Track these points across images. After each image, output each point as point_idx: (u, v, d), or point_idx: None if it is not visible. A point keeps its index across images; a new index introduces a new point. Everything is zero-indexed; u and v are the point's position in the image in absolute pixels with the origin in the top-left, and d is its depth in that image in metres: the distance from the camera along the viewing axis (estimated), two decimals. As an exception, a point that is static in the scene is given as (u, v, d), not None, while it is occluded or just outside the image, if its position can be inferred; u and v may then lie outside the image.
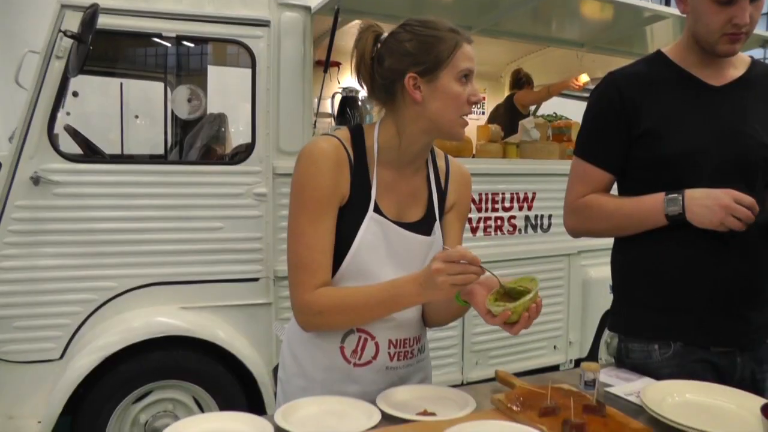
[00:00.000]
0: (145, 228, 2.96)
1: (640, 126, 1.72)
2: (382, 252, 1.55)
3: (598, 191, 1.81)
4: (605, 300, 4.07)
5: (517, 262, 3.86)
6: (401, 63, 1.49)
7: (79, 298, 2.88)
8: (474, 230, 3.71)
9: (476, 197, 3.70)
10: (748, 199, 1.57)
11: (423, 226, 1.62)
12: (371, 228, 1.53)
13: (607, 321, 1.95)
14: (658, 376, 1.69)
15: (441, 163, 1.70)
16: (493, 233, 3.78)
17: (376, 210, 1.54)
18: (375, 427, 1.34)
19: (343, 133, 1.58)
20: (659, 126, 1.71)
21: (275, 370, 1.74)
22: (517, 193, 3.87)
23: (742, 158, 1.69)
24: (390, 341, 1.60)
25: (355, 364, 1.59)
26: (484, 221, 3.75)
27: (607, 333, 4.30)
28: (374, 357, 1.59)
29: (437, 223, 1.65)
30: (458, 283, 1.33)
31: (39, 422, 2.75)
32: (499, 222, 3.81)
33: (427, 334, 1.76)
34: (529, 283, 1.40)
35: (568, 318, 4.13)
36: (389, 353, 1.61)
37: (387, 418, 1.39)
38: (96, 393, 2.83)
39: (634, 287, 1.82)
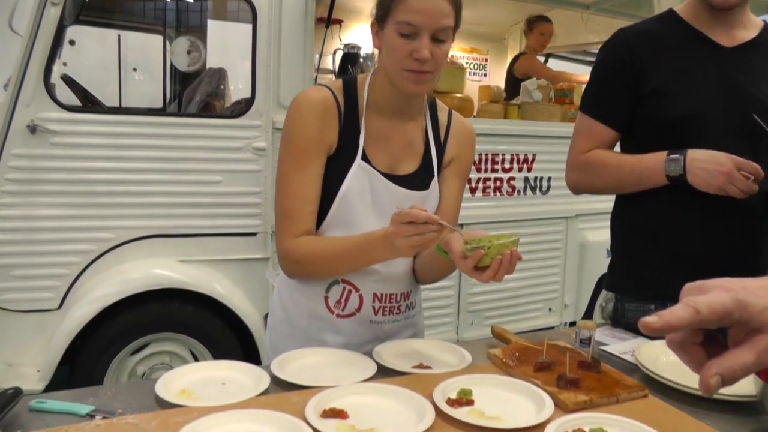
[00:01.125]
0: (144, 180, 2.95)
1: (647, 84, 1.70)
2: (368, 201, 1.54)
3: (602, 148, 1.80)
4: (602, 263, 4.08)
5: (515, 224, 3.86)
6: (374, 9, 1.51)
7: (77, 249, 2.88)
8: (473, 191, 3.70)
9: (476, 158, 3.67)
10: (753, 166, 1.56)
11: (417, 180, 1.59)
12: (358, 176, 1.52)
13: (605, 281, 1.95)
14: (655, 336, 1.70)
15: (443, 117, 1.68)
16: (492, 194, 3.78)
17: (365, 159, 1.53)
18: (370, 378, 1.35)
19: (336, 83, 1.58)
20: (667, 85, 1.69)
21: (266, 317, 1.77)
22: (517, 155, 3.85)
23: (748, 122, 1.67)
24: (375, 295, 1.60)
25: (338, 315, 1.59)
26: (484, 182, 3.74)
27: (602, 296, 4.33)
28: (358, 309, 1.59)
29: (435, 179, 1.62)
30: (416, 244, 1.32)
31: (38, 371, 2.78)
32: (498, 183, 3.80)
33: (419, 291, 1.76)
34: (508, 236, 1.37)
35: (564, 280, 4.15)
36: (374, 307, 1.60)
37: (382, 371, 1.40)
38: (94, 344, 2.85)
39: (633, 247, 1.83)
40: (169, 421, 1.12)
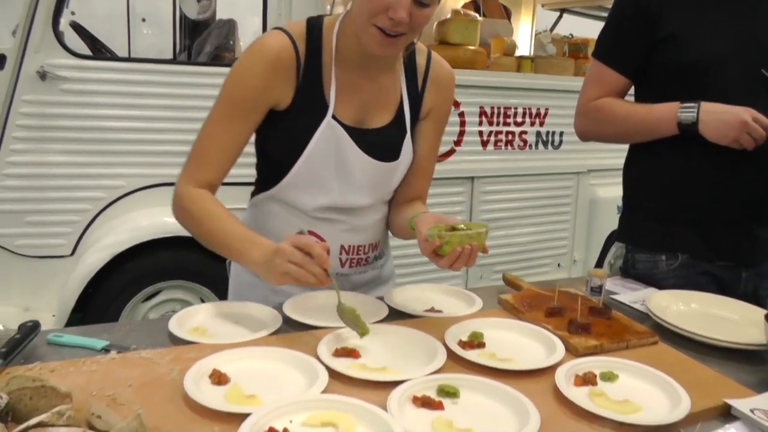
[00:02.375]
0: (154, 128, 2.94)
1: (662, 30, 1.67)
2: (332, 164, 1.43)
3: (612, 95, 1.77)
4: (612, 220, 4.07)
5: (525, 178, 3.85)
6: None
7: (88, 196, 2.88)
8: (484, 144, 3.67)
9: (488, 110, 3.65)
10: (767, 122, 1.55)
11: (390, 133, 1.48)
12: (325, 135, 1.40)
13: (615, 234, 1.94)
14: (662, 286, 1.71)
15: (421, 60, 1.52)
16: (503, 148, 3.75)
17: (334, 116, 1.41)
18: (381, 321, 1.36)
19: (298, 27, 1.41)
20: (682, 31, 1.65)
21: (229, 262, 1.69)
22: (529, 108, 3.81)
23: (766, 69, 1.64)
24: (342, 247, 1.52)
25: None
26: (495, 135, 3.71)
27: (611, 253, 4.33)
28: None
29: (407, 139, 1.50)
30: (292, 274, 1.20)
31: (53, 315, 2.81)
32: (510, 137, 3.76)
33: (388, 238, 1.69)
34: (477, 227, 1.31)
35: (574, 236, 4.14)
36: (340, 259, 1.53)
37: (393, 314, 1.41)
38: (106, 291, 2.88)
39: (645, 198, 1.81)
40: (183, 357, 1.14)
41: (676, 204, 1.74)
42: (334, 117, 1.41)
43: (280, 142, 1.43)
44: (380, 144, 1.46)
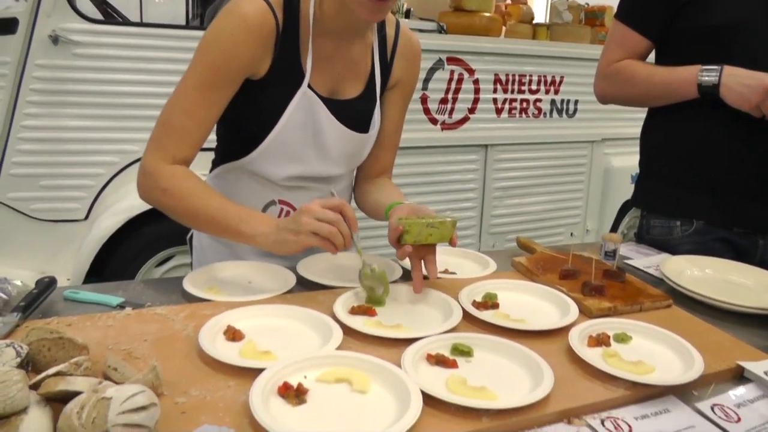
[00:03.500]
0: (167, 93, 2.90)
1: None
2: (309, 133, 1.40)
3: (634, 58, 1.75)
4: (626, 189, 4.05)
5: (539, 146, 3.82)
6: None
7: (101, 160, 2.89)
8: (498, 111, 3.64)
9: (503, 78, 3.61)
10: None
11: (361, 104, 1.46)
12: (301, 106, 1.36)
13: (632, 197, 1.93)
14: (676, 252, 1.69)
15: (390, 31, 1.49)
16: (517, 115, 3.72)
17: (309, 86, 1.37)
18: (395, 281, 1.36)
19: None
20: None
21: (190, 238, 1.65)
22: (544, 76, 3.77)
23: None
24: None
25: None
26: (509, 103, 3.68)
27: (624, 222, 4.31)
28: None
29: (376, 113, 1.47)
30: (323, 232, 1.17)
31: (68, 279, 2.84)
32: (524, 104, 3.73)
33: (351, 202, 1.65)
34: (442, 219, 1.26)
35: (587, 206, 4.12)
36: None
37: (407, 276, 1.41)
38: (120, 255, 2.90)
39: (661, 164, 1.80)
40: (198, 313, 1.15)
41: (692, 171, 1.72)
42: (309, 87, 1.37)
43: (254, 112, 1.37)
44: (353, 115, 1.44)
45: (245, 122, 1.38)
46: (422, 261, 1.29)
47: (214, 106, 1.32)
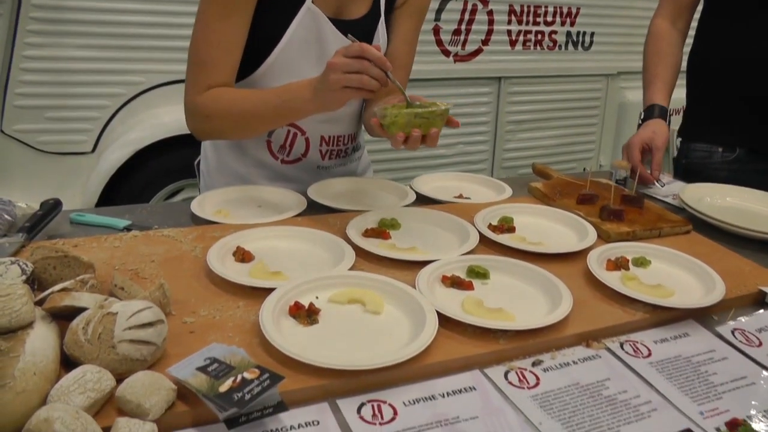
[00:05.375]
0: (175, 23, 2.84)
1: None
2: (313, 52, 1.34)
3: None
4: (640, 124, 3.97)
5: (554, 80, 3.74)
6: None
7: (107, 92, 2.83)
8: (512, 43, 3.54)
9: (517, 9, 3.50)
10: None
11: (367, 23, 1.39)
12: (305, 22, 1.31)
13: (679, 128, 1.87)
14: (713, 179, 1.65)
15: None
16: (532, 48, 3.62)
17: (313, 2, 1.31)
18: (409, 205, 1.33)
19: None
20: None
21: (198, 164, 1.62)
22: (560, 7, 3.65)
23: None
24: (322, 138, 1.46)
25: (282, 161, 1.46)
26: (524, 35, 3.57)
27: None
28: (304, 155, 1.46)
29: (380, 25, 1.41)
30: (353, 84, 1.10)
31: (76, 213, 2.82)
32: (539, 36, 3.63)
33: (363, 131, 1.60)
34: (436, 106, 1.16)
35: (601, 141, 4.05)
36: (321, 151, 1.47)
37: (421, 200, 1.37)
38: (128, 188, 2.87)
39: (708, 90, 1.75)
40: (206, 235, 1.12)
41: (740, 97, 1.68)
42: (313, 2, 1.31)
43: (259, 28, 1.32)
44: (360, 35, 1.34)
45: (251, 39, 1.33)
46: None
47: (237, 29, 1.28)
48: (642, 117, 1.66)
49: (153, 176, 2.89)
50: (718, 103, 1.72)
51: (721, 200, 1.51)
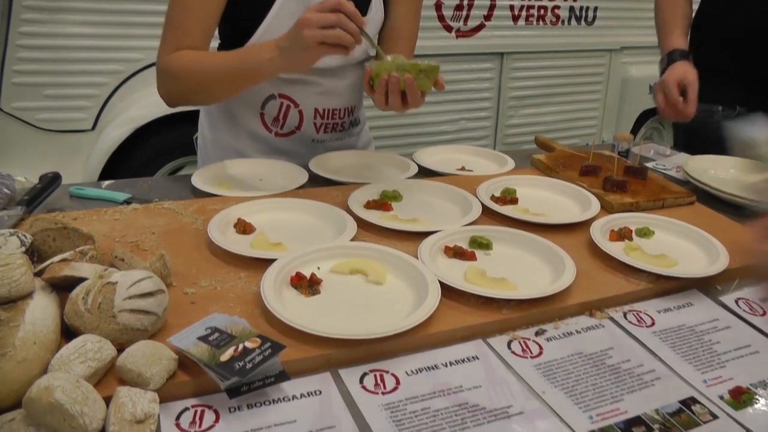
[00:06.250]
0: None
1: None
2: None
3: None
4: (643, 100, 3.94)
5: (556, 55, 3.69)
6: None
7: (106, 69, 2.80)
8: (515, 18, 3.50)
9: (519, -18, 3.47)
10: None
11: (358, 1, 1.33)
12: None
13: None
14: (712, 139, 1.64)
15: None
16: (534, 23, 3.57)
17: None
18: (411, 178, 1.32)
19: None
20: None
21: (196, 139, 1.61)
22: (563, -19, 3.61)
23: None
24: (316, 110, 1.42)
25: (276, 134, 1.43)
26: (527, 9, 3.53)
27: (641, 134, 4.21)
28: (298, 127, 1.43)
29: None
30: (330, 39, 1.05)
31: (76, 191, 2.81)
32: (542, 11, 3.58)
33: (363, 106, 1.58)
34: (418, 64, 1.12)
35: (603, 116, 4.02)
36: (315, 124, 1.44)
37: (423, 172, 1.36)
38: (129, 166, 2.85)
39: (709, 49, 1.75)
40: (207, 208, 1.11)
41: (739, 58, 1.69)
42: None
43: (244, 4, 1.30)
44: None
45: (239, 10, 1.30)
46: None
47: None
48: (665, 62, 1.64)
49: (154, 154, 2.88)
50: (719, 67, 1.72)
51: (725, 172, 1.49)
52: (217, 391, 0.70)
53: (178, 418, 0.68)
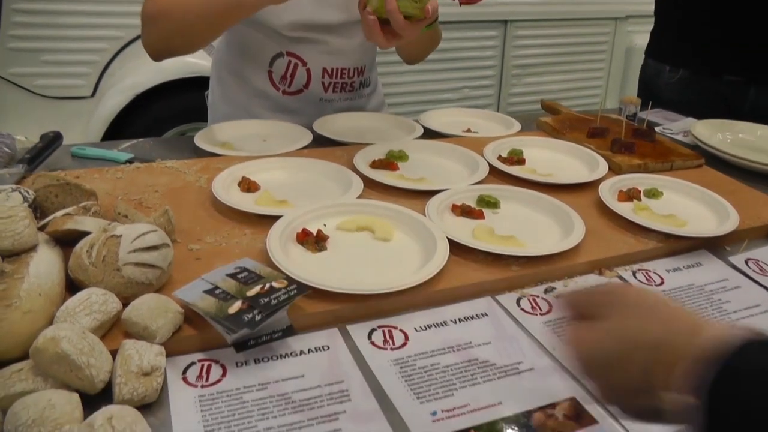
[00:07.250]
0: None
1: None
2: None
3: None
4: (648, 69, 3.90)
5: (561, 23, 3.65)
6: None
7: (104, 35, 2.77)
8: (518, -16, 3.47)
9: (523, -52, 3.42)
10: None
11: None
12: None
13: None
14: (664, 97, 1.73)
15: None
16: (537, -11, 3.54)
17: None
18: (418, 137, 1.30)
19: None
20: None
21: (207, 96, 1.60)
22: (568, -53, 3.56)
23: None
24: (324, 70, 1.40)
25: (284, 92, 1.41)
26: (531, -24, 3.49)
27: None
28: (306, 86, 1.41)
29: None
30: None
31: (76, 158, 2.79)
32: (546, -22, 3.55)
33: (376, 68, 1.56)
34: None
35: (607, 86, 3.99)
36: (323, 83, 1.41)
37: (429, 134, 1.35)
38: (128, 133, 2.83)
39: (667, 8, 1.79)
40: (211, 167, 1.10)
41: (722, 26, 1.66)
42: None
43: None
44: None
45: None
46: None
47: None
48: None
49: (154, 121, 2.85)
50: (667, 24, 1.80)
51: (733, 136, 1.48)
52: (224, 346, 0.69)
53: (184, 372, 0.67)
